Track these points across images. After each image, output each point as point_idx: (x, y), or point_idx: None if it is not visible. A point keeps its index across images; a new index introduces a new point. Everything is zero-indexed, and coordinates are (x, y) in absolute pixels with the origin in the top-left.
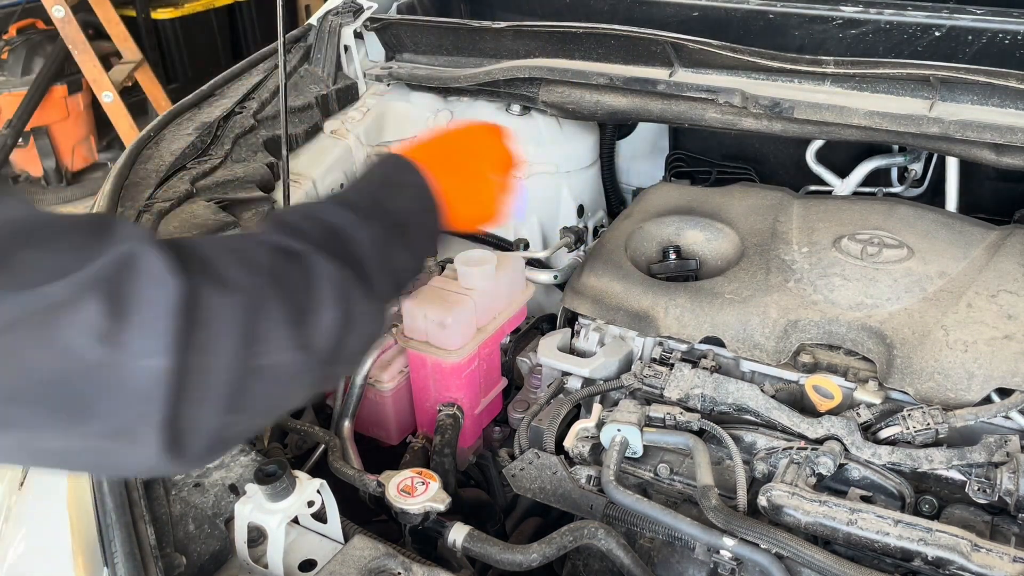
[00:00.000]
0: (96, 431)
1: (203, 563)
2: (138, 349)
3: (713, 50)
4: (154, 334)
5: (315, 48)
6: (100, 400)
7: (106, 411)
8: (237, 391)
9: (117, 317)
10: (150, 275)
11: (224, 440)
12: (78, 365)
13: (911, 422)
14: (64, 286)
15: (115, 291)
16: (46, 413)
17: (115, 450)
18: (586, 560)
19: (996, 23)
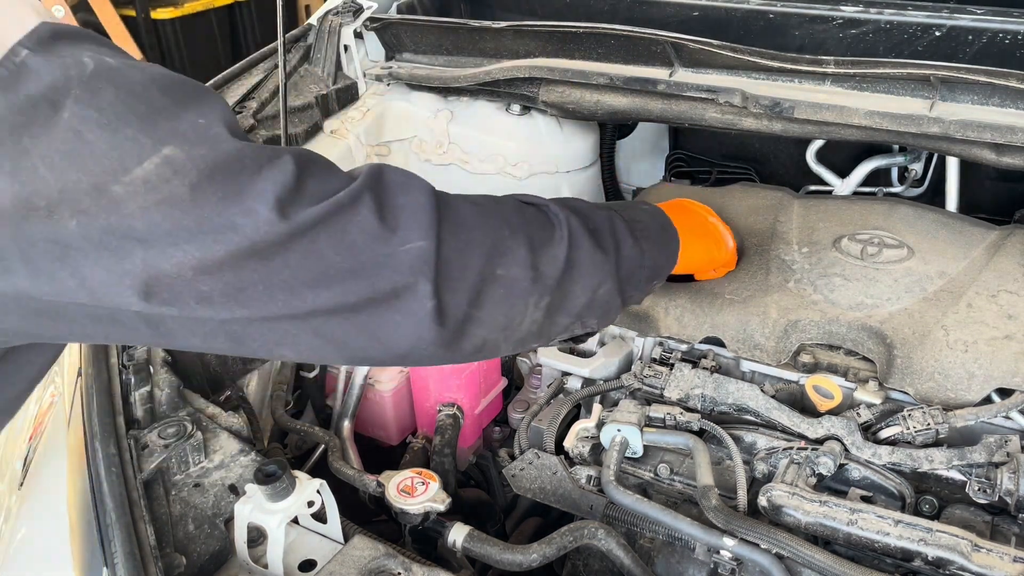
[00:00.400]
0: (380, 292)
1: (203, 563)
2: (405, 235)
3: (713, 50)
4: (417, 220)
5: (315, 48)
6: (381, 274)
7: (386, 279)
8: (480, 290)
9: (384, 211)
10: (400, 178)
11: (468, 333)
12: (363, 254)
13: (911, 422)
14: (344, 194)
15: (378, 191)
16: (340, 294)
17: (392, 317)
18: (586, 560)
19: (996, 23)
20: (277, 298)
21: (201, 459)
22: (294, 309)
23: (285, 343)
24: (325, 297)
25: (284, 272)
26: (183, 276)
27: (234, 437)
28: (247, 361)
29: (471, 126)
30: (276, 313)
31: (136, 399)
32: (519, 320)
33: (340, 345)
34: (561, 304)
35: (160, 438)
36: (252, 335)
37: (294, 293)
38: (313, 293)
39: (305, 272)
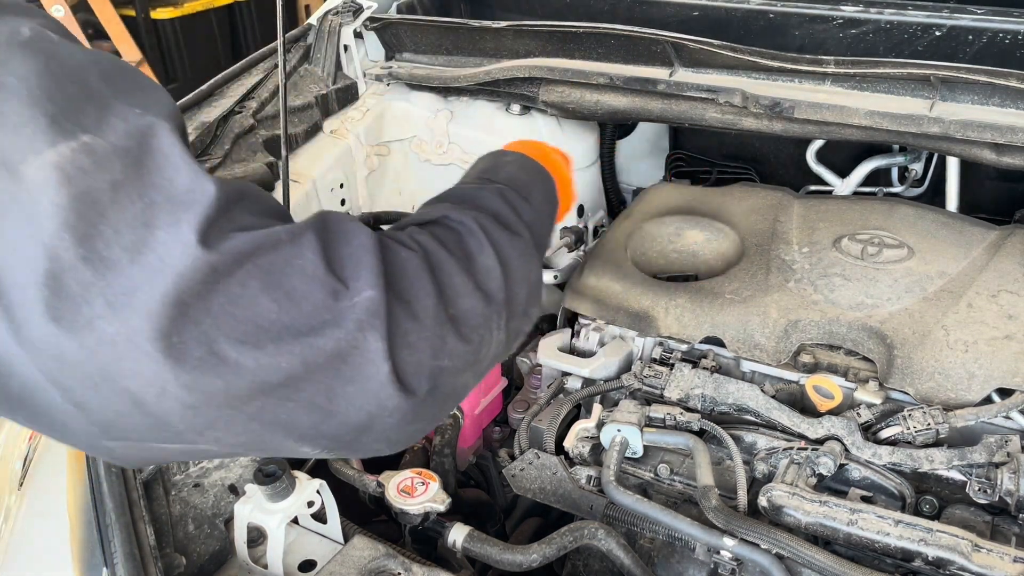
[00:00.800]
0: (323, 354)
1: (203, 563)
2: (355, 286)
3: (713, 50)
4: (365, 269)
5: (315, 48)
6: (324, 332)
7: (329, 338)
8: (442, 336)
9: (330, 256)
10: (345, 224)
11: (439, 388)
12: (304, 304)
13: (911, 422)
14: (283, 229)
15: (323, 234)
16: (273, 355)
17: (342, 388)
18: (586, 560)
19: (996, 23)
20: (192, 355)
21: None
22: (213, 379)
23: (216, 427)
24: (252, 360)
25: (203, 318)
26: (86, 298)
27: None
28: None
29: (471, 126)
30: (195, 381)
31: None
32: (486, 351)
33: (285, 428)
34: (512, 312)
35: None
36: (173, 416)
37: (212, 350)
38: (237, 352)
39: (228, 321)
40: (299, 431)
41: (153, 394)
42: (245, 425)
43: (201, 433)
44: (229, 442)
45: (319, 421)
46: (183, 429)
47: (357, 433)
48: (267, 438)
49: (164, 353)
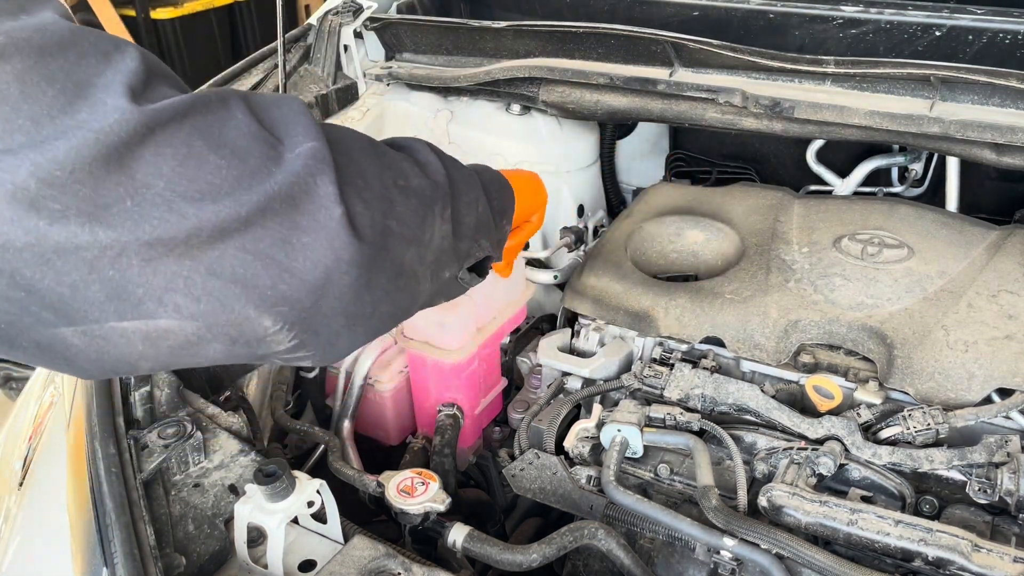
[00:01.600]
0: (275, 198)
1: (203, 563)
2: (291, 141)
3: (713, 50)
4: (300, 127)
5: (315, 48)
6: (273, 177)
7: (279, 181)
8: (390, 199)
9: (261, 117)
10: (269, 96)
11: (388, 249)
12: (248, 155)
13: (911, 422)
14: (209, 92)
15: (248, 101)
16: (228, 207)
17: (298, 237)
18: (586, 560)
19: (996, 23)
20: (150, 215)
21: (201, 459)
22: (175, 231)
23: (175, 288)
24: (211, 212)
25: (154, 180)
26: (27, 189)
27: (234, 437)
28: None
29: (471, 126)
30: (153, 237)
31: (136, 399)
32: (430, 234)
33: (244, 285)
34: (459, 217)
35: (160, 438)
36: (131, 278)
37: (171, 208)
38: (195, 207)
39: (180, 179)
40: (259, 291)
41: (111, 256)
42: (205, 282)
43: (160, 300)
44: (190, 310)
45: (277, 277)
46: (142, 295)
47: (316, 296)
48: (228, 302)
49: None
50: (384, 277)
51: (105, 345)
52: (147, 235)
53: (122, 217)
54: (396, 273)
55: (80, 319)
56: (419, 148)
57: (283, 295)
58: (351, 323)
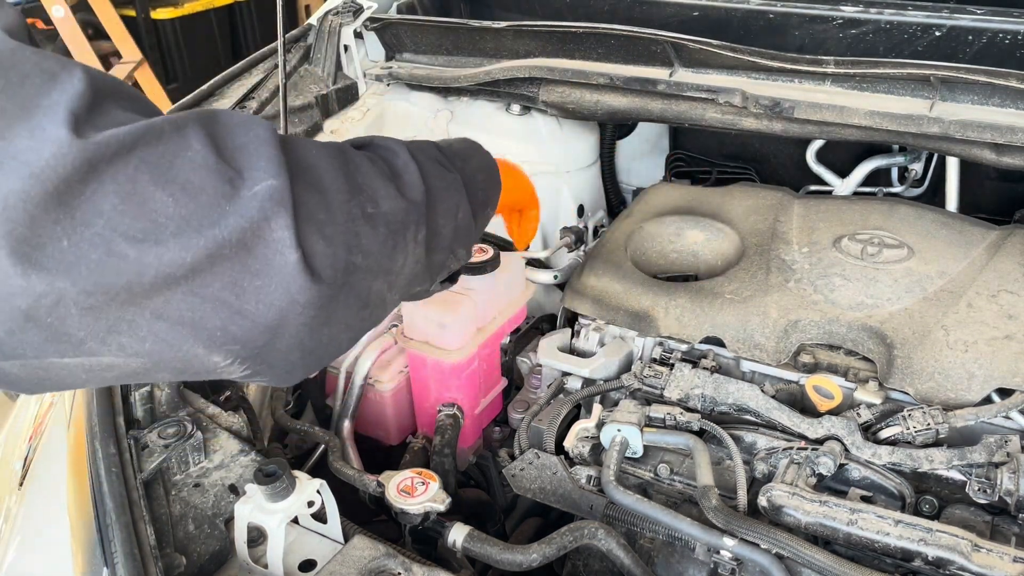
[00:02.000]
0: (226, 243)
1: (203, 563)
2: (251, 175)
3: (713, 50)
4: (263, 159)
5: (315, 48)
6: (225, 220)
7: (231, 226)
8: (357, 232)
9: (220, 146)
10: (236, 118)
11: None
12: (200, 195)
13: (911, 422)
14: (163, 121)
15: (210, 126)
16: (175, 249)
17: (249, 281)
18: (586, 560)
19: (996, 23)
20: (88, 257)
21: (201, 459)
22: (114, 276)
23: (119, 330)
24: (153, 255)
25: (93, 218)
26: None
27: (234, 437)
28: None
29: (471, 126)
30: (91, 283)
31: (136, 399)
32: (402, 261)
33: (192, 327)
34: (434, 234)
35: (160, 438)
36: (71, 324)
37: (110, 249)
38: (136, 249)
39: (122, 217)
40: (208, 332)
41: (47, 305)
42: (150, 326)
43: (103, 340)
44: (134, 349)
45: (228, 320)
46: (83, 337)
47: (269, 335)
48: (175, 343)
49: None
50: (347, 312)
51: (46, 375)
52: (84, 280)
53: (57, 260)
54: (361, 305)
55: (19, 356)
56: (398, 153)
57: (234, 336)
58: (306, 355)
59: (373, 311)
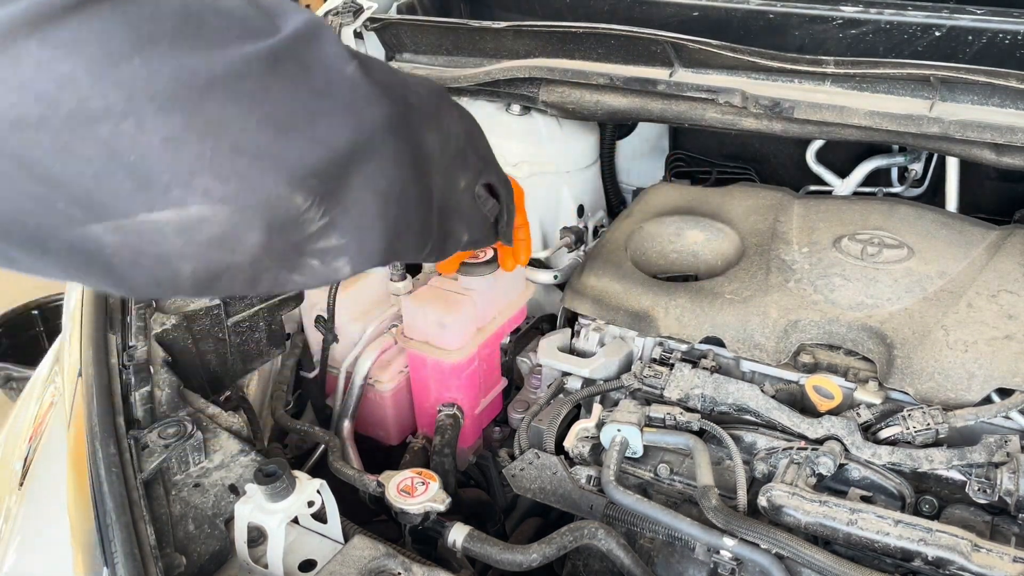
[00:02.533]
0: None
1: (203, 563)
2: (284, 12)
3: (713, 50)
4: (291, 8)
5: None
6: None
7: (289, 36)
8: (402, 78)
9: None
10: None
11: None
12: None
13: (911, 422)
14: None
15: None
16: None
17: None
18: (586, 560)
19: (996, 23)
20: (160, 71)
21: (201, 459)
22: (187, 78)
23: (201, 170)
24: (220, 59)
25: (160, 38)
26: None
27: (234, 437)
28: (247, 361)
29: None
30: (161, 87)
31: (136, 399)
32: (448, 124)
33: (271, 159)
34: (473, 130)
35: (160, 438)
36: (154, 163)
37: (180, 62)
38: (203, 57)
39: (180, 35)
40: (286, 165)
41: (128, 131)
42: (231, 162)
43: (188, 184)
44: (220, 193)
45: (304, 149)
46: (168, 181)
47: (343, 166)
48: (257, 181)
49: (129, 74)
50: (408, 152)
51: (140, 242)
52: (160, 94)
53: (132, 73)
54: (417, 152)
55: (110, 213)
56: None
57: (311, 168)
58: (382, 203)
59: (427, 166)
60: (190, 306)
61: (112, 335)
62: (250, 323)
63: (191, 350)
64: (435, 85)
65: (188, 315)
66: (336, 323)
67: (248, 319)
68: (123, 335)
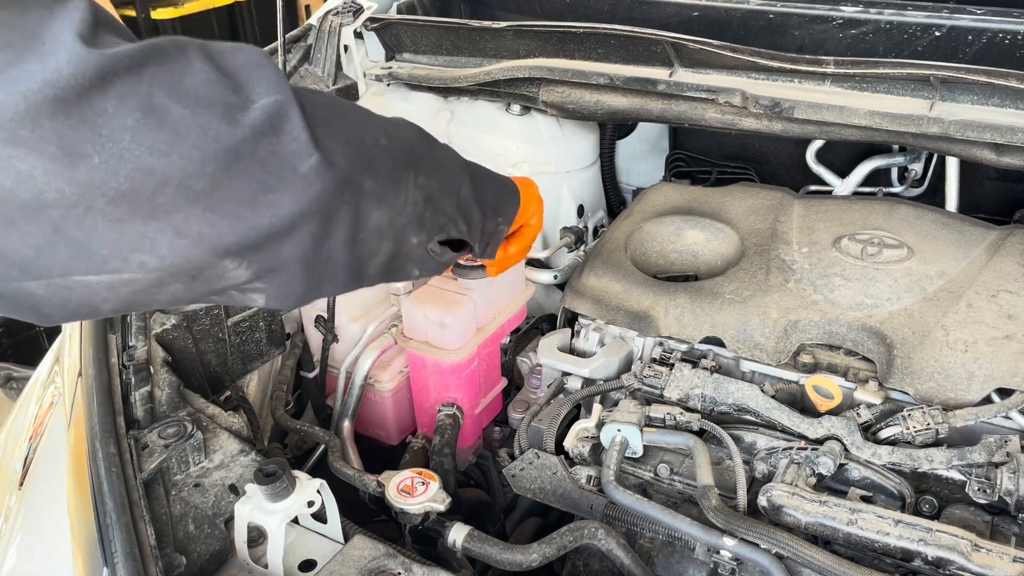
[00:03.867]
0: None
1: (203, 563)
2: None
3: (713, 50)
4: (265, 81)
5: (315, 48)
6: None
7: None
8: (368, 156)
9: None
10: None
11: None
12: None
13: (911, 422)
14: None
15: (208, 52)
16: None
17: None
18: (586, 560)
19: (996, 23)
20: (118, 171)
21: (201, 459)
22: (141, 186)
23: (142, 248)
24: (178, 168)
25: (122, 136)
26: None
27: (234, 437)
28: (247, 361)
29: (471, 126)
30: (119, 192)
31: (136, 399)
32: (404, 199)
33: (210, 241)
34: (435, 191)
35: (160, 438)
36: (96, 239)
37: (138, 163)
38: (163, 161)
39: (148, 133)
40: (224, 245)
41: (77, 216)
42: (171, 243)
43: (126, 259)
44: (154, 265)
45: (243, 233)
46: (107, 255)
47: (278, 240)
48: (193, 256)
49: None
50: (347, 230)
51: (69, 294)
52: (114, 191)
53: (89, 173)
54: (359, 228)
55: (45, 275)
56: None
57: (247, 244)
58: (307, 269)
59: (368, 239)
60: (190, 306)
61: (112, 335)
62: (250, 323)
63: (191, 350)
64: (405, 149)
65: (188, 315)
66: (336, 323)
67: (248, 319)
68: (123, 335)
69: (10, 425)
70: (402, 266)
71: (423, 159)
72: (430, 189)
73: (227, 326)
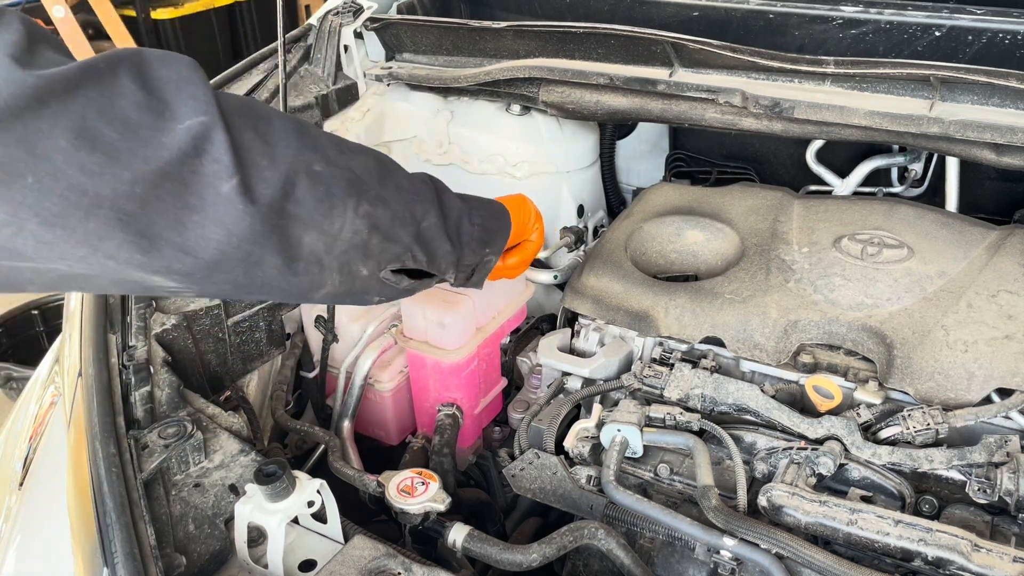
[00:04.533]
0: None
1: (203, 563)
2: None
3: (713, 50)
4: (190, 97)
5: (315, 48)
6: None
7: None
8: (293, 182)
9: (150, 87)
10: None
11: (287, 232)
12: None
13: (911, 422)
14: (97, 58)
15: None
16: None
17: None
18: (586, 560)
19: (996, 23)
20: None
21: (201, 459)
22: (73, 207)
23: (70, 260)
24: (110, 189)
25: (54, 156)
26: None
27: (234, 437)
28: (247, 361)
29: (471, 126)
30: (51, 214)
31: (136, 399)
32: (340, 225)
33: (140, 266)
34: (383, 221)
35: (160, 438)
36: (25, 252)
37: (72, 185)
38: (94, 182)
39: (80, 154)
40: (152, 268)
41: (7, 235)
42: (102, 264)
43: (52, 263)
44: (82, 271)
45: (172, 259)
46: (34, 257)
47: (209, 271)
48: (123, 273)
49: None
50: (278, 258)
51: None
52: (46, 211)
53: (22, 193)
54: (292, 256)
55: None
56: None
57: (177, 270)
58: (238, 290)
59: (307, 268)
60: (190, 306)
61: (112, 335)
62: (250, 323)
63: (191, 350)
64: (346, 176)
65: (188, 315)
66: (336, 323)
67: (248, 319)
68: (123, 335)
69: (10, 425)
70: (357, 294)
71: (370, 188)
72: (376, 218)
73: (227, 326)
